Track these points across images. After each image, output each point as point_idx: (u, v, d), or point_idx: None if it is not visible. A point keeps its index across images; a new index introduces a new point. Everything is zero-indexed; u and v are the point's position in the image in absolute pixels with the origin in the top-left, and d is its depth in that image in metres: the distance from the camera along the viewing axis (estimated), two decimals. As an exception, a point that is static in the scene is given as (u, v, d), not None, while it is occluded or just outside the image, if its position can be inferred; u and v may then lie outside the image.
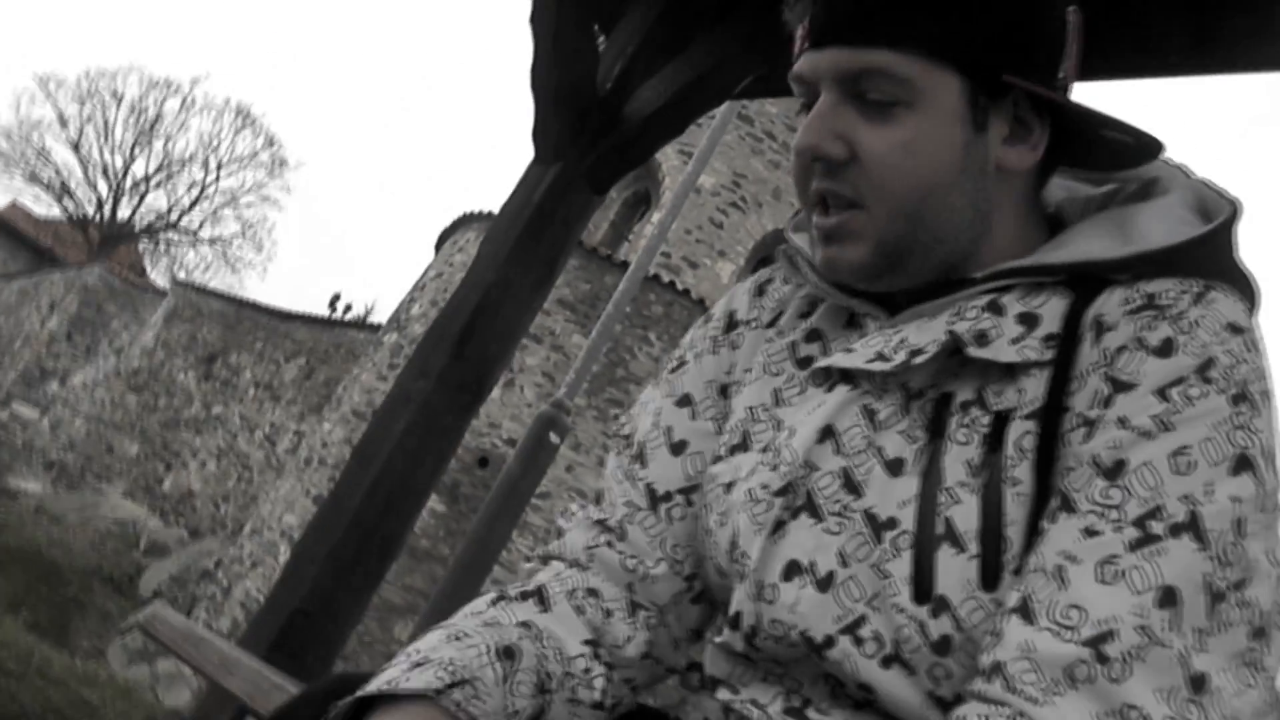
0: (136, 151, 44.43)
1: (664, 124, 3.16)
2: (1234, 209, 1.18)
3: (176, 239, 45.60)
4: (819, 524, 1.18)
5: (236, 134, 45.12)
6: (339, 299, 30.27)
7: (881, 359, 1.18)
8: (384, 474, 3.11)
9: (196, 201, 45.17)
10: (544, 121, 3.19)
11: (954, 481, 1.11)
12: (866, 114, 1.18)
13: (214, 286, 28.69)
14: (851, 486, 1.17)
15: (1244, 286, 1.17)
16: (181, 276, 39.27)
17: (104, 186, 44.04)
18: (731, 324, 1.43)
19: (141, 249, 45.20)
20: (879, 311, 1.26)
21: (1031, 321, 1.16)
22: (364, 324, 23.25)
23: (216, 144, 44.94)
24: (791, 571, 1.18)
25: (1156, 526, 0.99)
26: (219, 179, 45.10)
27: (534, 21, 3.09)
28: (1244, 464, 1.02)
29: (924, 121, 1.17)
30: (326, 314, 24.90)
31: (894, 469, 1.15)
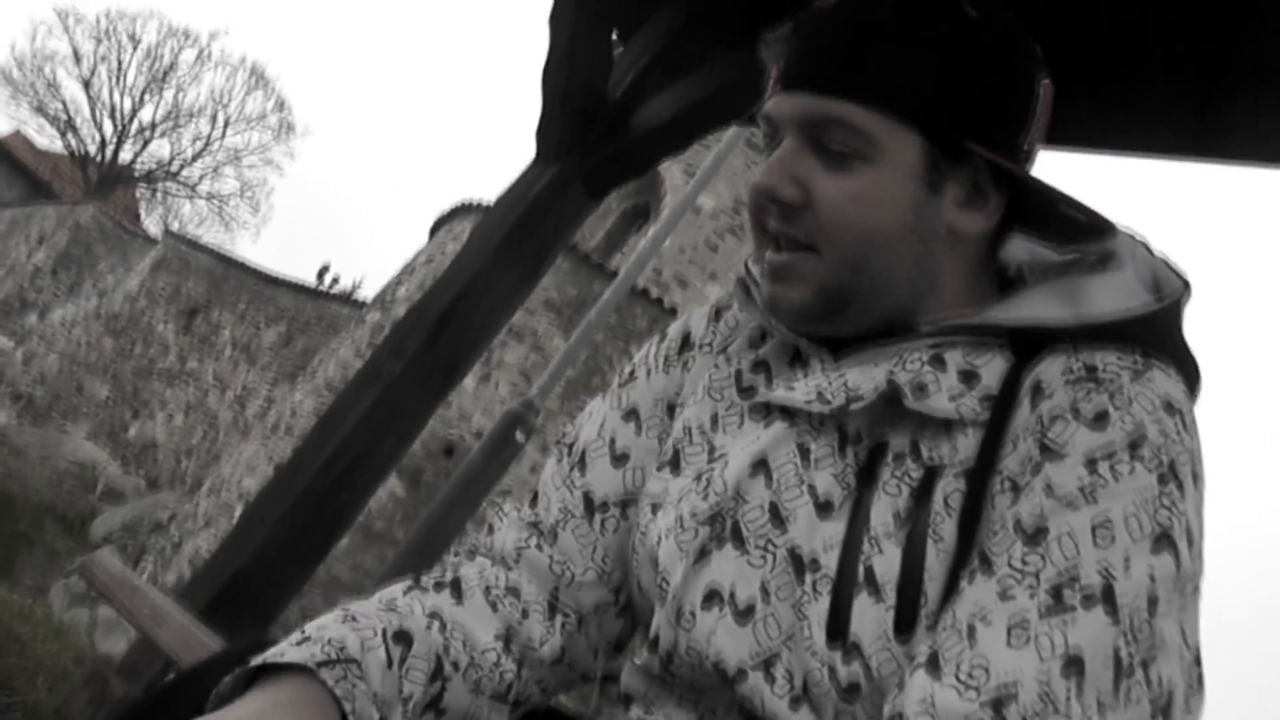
0: (146, 97, 44.26)
1: (668, 138, 3.16)
2: (1185, 287, 1.20)
3: (174, 189, 45.46)
4: (743, 555, 1.18)
5: (248, 93, 44.97)
6: (327, 270, 30.29)
7: (820, 399, 1.19)
8: (343, 447, 3.09)
9: (199, 155, 45.03)
10: (549, 120, 3.19)
11: (879, 530, 1.12)
12: (826, 162, 1.20)
13: (205, 242, 28.57)
14: (778, 520, 1.18)
15: (1186, 367, 1.17)
16: (175, 227, 39.08)
17: (109, 127, 43.88)
18: (686, 345, 1.43)
19: (138, 195, 45.02)
20: (824, 352, 1.26)
21: (971, 378, 1.17)
22: (349, 299, 23.25)
23: (227, 100, 44.77)
24: (711, 599, 1.18)
25: (1070, 595, 1.00)
26: (225, 136, 44.96)
27: (553, 20, 3.09)
28: (1164, 542, 1.02)
29: (879, 176, 1.18)
30: (313, 284, 24.87)
31: (823, 510, 1.16)
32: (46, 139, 44.33)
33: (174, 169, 45.02)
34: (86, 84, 43.75)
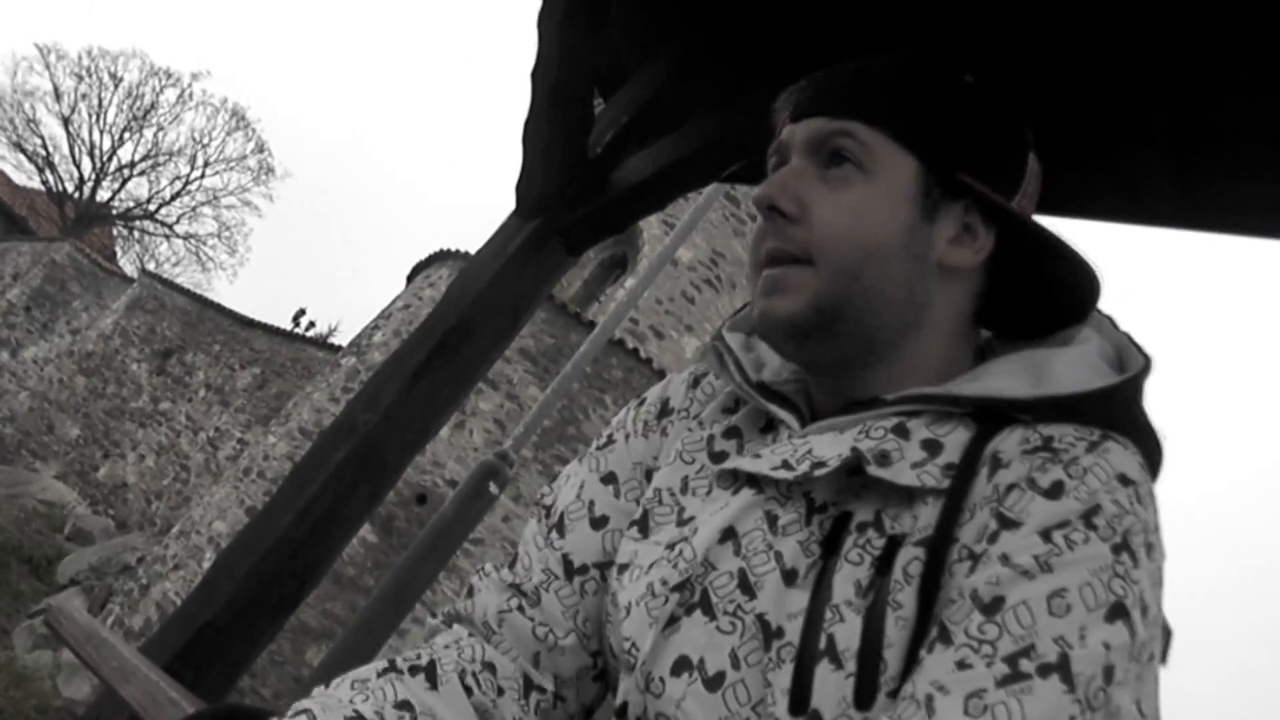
0: (126, 136, 44.28)
1: (648, 196, 3.16)
2: (1146, 363, 1.22)
3: (152, 229, 45.38)
4: (712, 622, 1.19)
5: (228, 134, 45.02)
6: (303, 314, 30.28)
7: (786, 467, 1.21)
8: (317, 499, 3.07)
9: (178, 195, 45.02)
10: (529, 175, 3.19)
11: (841, 599, 1.13)
12: (826, 182, 1.26)
13: (181, 283, 28.50)
14: (747, 587, 1.19)
15: (1147, 441, 1.19)
16: (151, 267, 39.02)
17: (88, 165, 43.85)
18: (665, 411, 1.46)
19: (115, 233, 44.92)
20: (793, 420, 1.29)
21: (934, 448, 1.18)
22: (325, 343, 23.24)
23: (207, 141, 44.82)
24: (681, 667, 1.19)
25: (1027, 665, 1.00)
26: (204, 176, 44.96)
27: (535, 75, 3.10)
28: (1119, 612, 1.02)
29: (875, 191, 1.25)
30: (289, 327, 24.83)
31: (789, 579, 1.17)
32: (24, 175, 44.26)
33: (152, 208, 45.01)
34: (66, 121, 43.76)
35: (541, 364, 14.80)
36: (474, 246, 3.39)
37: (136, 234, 45.52)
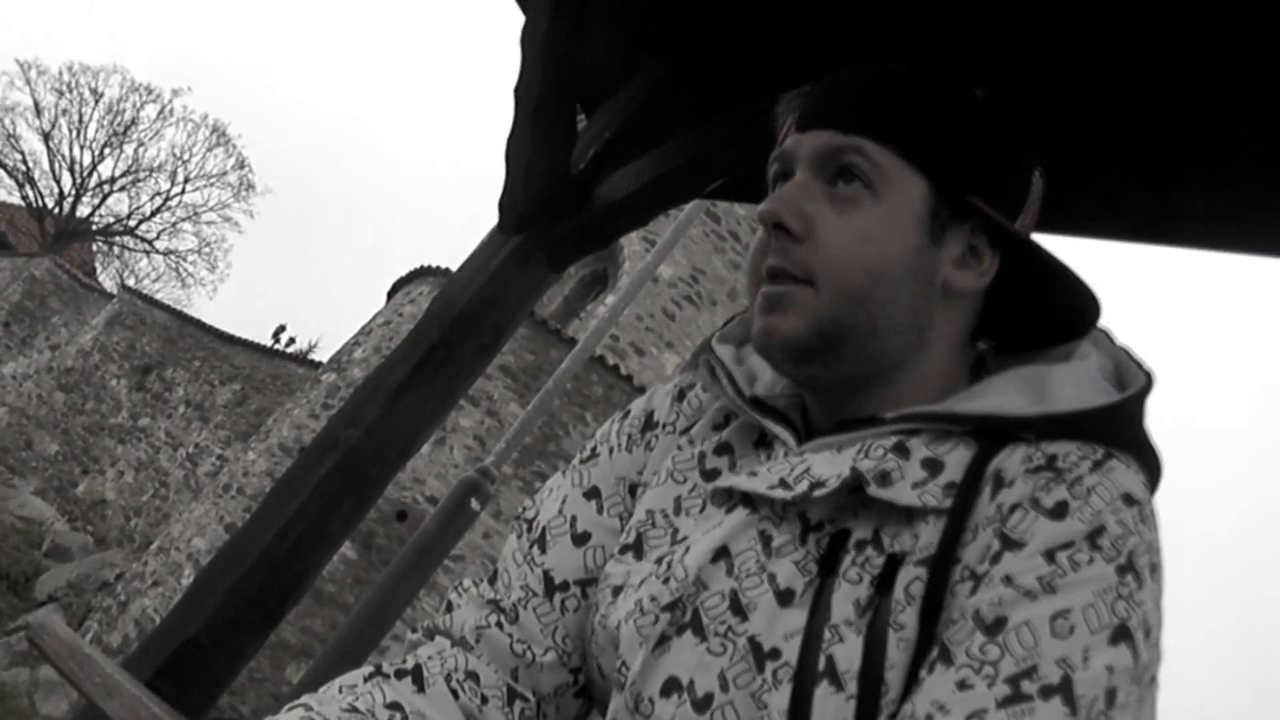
0: (107, 152, 44.14)
1: (630, 213, 3.16)
2: (1148, 381, 1.21)
3: (132, 245, 45.23)
4: (702, 643, 1.17)
5: (209, 150, 44.88)
6: (284, 330, 30.19)
7: (783, 487, 1.19)
8: (298, 516, 3.06)
9: (158, 211, 44.86)
10: (512, 191, 3.19)
11: (840, 619, 1.11)
12: (832, 201, 1.24)
13: (161, 299, 28.41)
14: (738, 609, 1.17)
15: (1148, 459, 1.18)
16: (131, 283, 38.92)
17: (68, 181, 43.67)
18: (649, 424, 1.43)
19: (95, 249, 44.74)
20: (789, 436, 1.27)
21: (935, 468, 1.17)
22: (305, 359, 23.17)
23: (187, 157, 44.69)
24: (670, 688, 1.17)
25: (1029, 686, 0.99)
26: (184, 192, 44.80)
27: (518, 90, 3.11)
28: (1123, 634, 1.02)
29: (883, 213, 1.23)
30: (269, 343, 24.76)
31: (784, 599, 1.15)
32: (4, 191, 44.20)
33: (132, 224, 44.83)
34: (46, 137, 43.59)
35: (522, 381, 14.79)
36: (455, 263, 3.39)
37: (116, 250, 45.40)
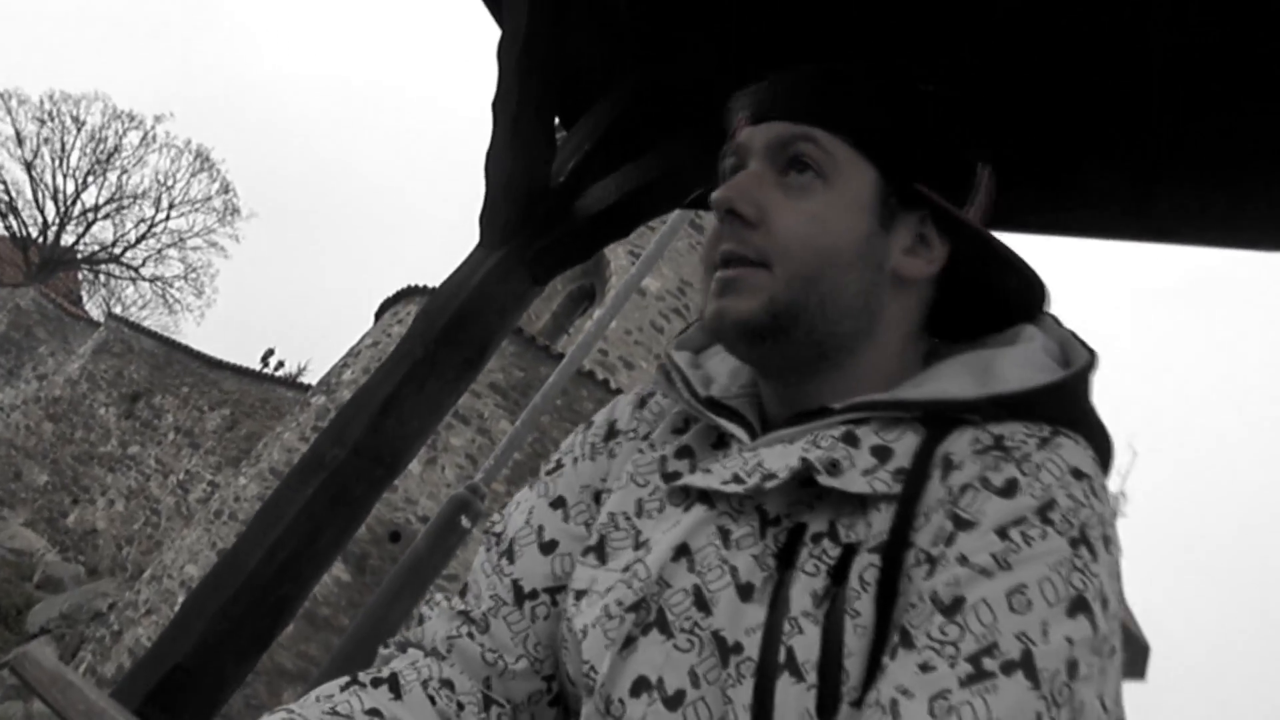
0: (90, 179, 44.22)
1: (611, 224, 3.16)
2: (1091, 358, 1.23)
3: (117, 272, 45.25)
4: (669, 640, 1.18)
5: (193, 176, 44.95)
6: (272, 354, 30.19)
7: (736, 481, 1.21)
8: (286, 536, 3.05)
9: (143, 238, 44.92)
10: (493, 206, 3.18)
11: (799, 611, 1.12)
12: (785, 189, 1.27)
13: (148, 326, 28.39)
14: (702, 604, 1.18)
15: (1095, 435, 1.20)
16: (117, 311, 38.86)
17: (51, 210, 43.72)
18: (612, 433, 1.46)
19: (80, 278, 44.76)
20: (743, 434, 1.29)
21: (884, 454, 1.18)
22: (294, 383, 23.15)
23: (171, 183, 44.76)
24: (640, 688, 1.17)
25: (990, 663, 0.99)
26: (169, 218, 44.92)
27: (496, 105, 3.10)
28: (1080, 606, 1.02)
29: (834, 199, 1.26)
30: (258, 368, 24.75)
31: (744, 594, 1.16)
32: (-12, 222, 44.06)
33: (117, 252, 44.88)
34: (29, 166, 43.62)
35: (512, 397, 14.79)
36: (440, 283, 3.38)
37: (102, 278, 45.45)
